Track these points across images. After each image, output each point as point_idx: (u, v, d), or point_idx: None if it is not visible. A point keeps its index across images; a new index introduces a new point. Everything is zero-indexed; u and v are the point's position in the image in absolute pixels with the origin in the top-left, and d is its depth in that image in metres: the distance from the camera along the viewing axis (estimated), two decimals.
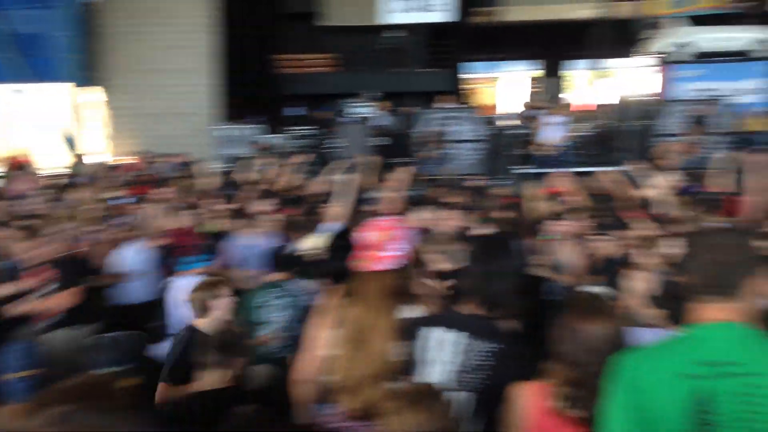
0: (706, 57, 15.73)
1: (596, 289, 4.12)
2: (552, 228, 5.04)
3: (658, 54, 16.27)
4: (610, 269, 4.47)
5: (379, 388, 2.59)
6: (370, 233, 2.89)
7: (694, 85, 15.53)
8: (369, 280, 2.84)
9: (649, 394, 1.94)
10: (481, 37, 20.70)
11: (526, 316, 2.88)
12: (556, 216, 5.26)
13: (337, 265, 3.10)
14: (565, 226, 5.00)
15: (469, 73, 22.12)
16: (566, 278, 4.56)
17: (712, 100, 14.39)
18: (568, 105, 17.48)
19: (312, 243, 4.84)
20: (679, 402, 1.90)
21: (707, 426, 1.88)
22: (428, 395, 2.22)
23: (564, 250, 4.65)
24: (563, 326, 2.32)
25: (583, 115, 16.36)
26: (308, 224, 5.57)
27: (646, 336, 3.10)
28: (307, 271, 4.49)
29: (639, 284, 4.11)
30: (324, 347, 2.89)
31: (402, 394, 2.23)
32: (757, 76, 15.73)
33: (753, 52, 15.66)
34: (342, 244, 3.17)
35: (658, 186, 6.97)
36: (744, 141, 13.23)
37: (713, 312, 1.98)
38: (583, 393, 2.20)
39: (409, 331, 2.69)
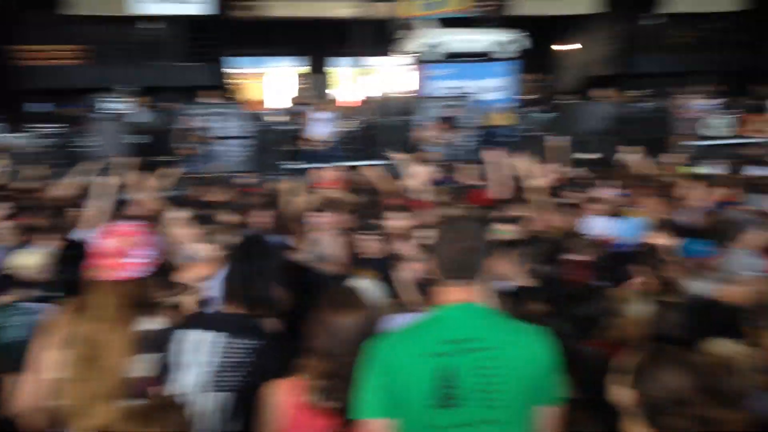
0: (454, 57, 17.05)
1: (361, 282, 4.20)
2: (314, 221, 5.05)
3: (413, 53, 17.30)
4: (379, 261, 4.59)
5: (113, 408, 2.38)
6: (110, 239, 2.62)
7: (445, 83, 16.77)
8: (105, 291, 2.58)
9: (400, 374, 2.01)
10: (244, 32, 20.36)
11: (290, 312, 2.86)
12: (318, 209, 5.28)
13: (67, 277, 2.78)
14: (327, 219, 5.04)
15: (234, 68, 21.68)
16: (330, 270, 4.59)
17: (461, 97, 15.64)
18: (334, 101, 17.90)
19: (32, 257, 4.31)
20: (427, 379, 1.99)
21: (451, 399, 1.98)
22: (165, 409, 2.09)
23: (327, 242, 4.67)
24: (316, 320, 2.32)
25: (349, 111, 16.85)
26: (52, 231, 5.01)
27: (406, 321, 3.20)
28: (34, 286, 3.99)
29: (405, 273, 4.27)
30: (52, 369, 2.56)
31: (137, 411, 2.07)
32: (499, 75, 17.43)
33: (495, 53, 17.31)
34: (74, 253, 2.85)
35: (417, 178, 7.35)
36: (489, 134, 14.59)
37: (455, 293, 2.09)
38: (337, 384, 2.24)
39: (162, 337, 2.56)
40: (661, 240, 4.23)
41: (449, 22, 17.55)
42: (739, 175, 7.32)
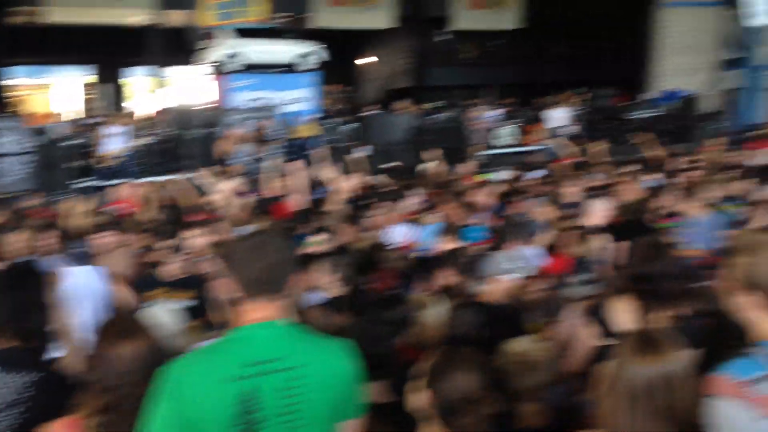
0: (256, 68, 16.85)
1: (158, 306, 3.95)
2: (99, 242, 4.68)
3: (213, 63, 16.84)
4: (184, 281, 4.37)
5: None
6: None
7: (248, 95, 16.51)
8: None
9: (195, 400, 1.89)
10: (23, 39, 18.55)
11: None
12: (102, 229, 4.91)
13: None
14: (112, 238, 4.68)
15: (12, 79, 19.66)
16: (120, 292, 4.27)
17: (265, 109, 15.51)
18: (129, 113, 16.91)
19: None
20: (226, 405, 1.89)
21: (253, 425, 1.89)
22: None
23: (113, 264, 4.31)
24: (91, 352, 2.18)
25: (145, 124, 16.04)
26: None
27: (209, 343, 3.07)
28: None
29: (213, 291, 4.10)
30: None
31: None
32: (303, 86, 17.51)
33: (296, 65, 17.37)
34: None
35: (221, 192, 7.15)
36: (294, 146, 14.61)
37: (258, 311, 2.00)
38: (116, 419, 2.08)
39: None
40: (451, 244, 4.46)
41: (250, 33, 17.28)
42: (522, 180, 7.98)
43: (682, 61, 20.58)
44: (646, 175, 7.42)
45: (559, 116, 16.32)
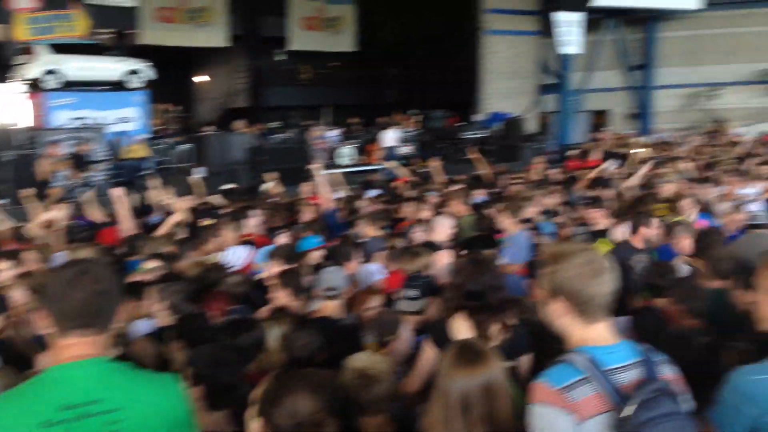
0: (79, 85, 15.80)
1: None
2: None
3: (29, 80, 15.58)
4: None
5: None
6: None
7: (70, 113, 15.41)
8: None
9: None
10: None
11: None
12: None
13: None
14: None
15: None
16: None
17: (89, 129, 14.60)
18: None
19: None
20: None
21: None
22: None
23: None
24: None
25: None
26: None
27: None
28: None
29: (32, 329, 3.73)
30: None
31: None
32: (131, 105, 16.64)
33: (124, 83, 16.50)
34: None
35: (39, 219, 6.59)
36: (126, 168, 13.88)
37: (75, 349, 1.82)
38: None
39: None
40: (285, 265, 4.39)
41: (72, 49, 16.14)
42: (360, 199, 8.10)
43: (505, 85, 22.10)
44: (475, 192, 7.83)
45: (393, 137, 16.82)
